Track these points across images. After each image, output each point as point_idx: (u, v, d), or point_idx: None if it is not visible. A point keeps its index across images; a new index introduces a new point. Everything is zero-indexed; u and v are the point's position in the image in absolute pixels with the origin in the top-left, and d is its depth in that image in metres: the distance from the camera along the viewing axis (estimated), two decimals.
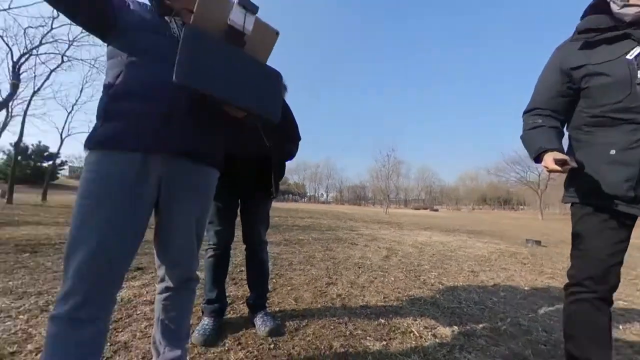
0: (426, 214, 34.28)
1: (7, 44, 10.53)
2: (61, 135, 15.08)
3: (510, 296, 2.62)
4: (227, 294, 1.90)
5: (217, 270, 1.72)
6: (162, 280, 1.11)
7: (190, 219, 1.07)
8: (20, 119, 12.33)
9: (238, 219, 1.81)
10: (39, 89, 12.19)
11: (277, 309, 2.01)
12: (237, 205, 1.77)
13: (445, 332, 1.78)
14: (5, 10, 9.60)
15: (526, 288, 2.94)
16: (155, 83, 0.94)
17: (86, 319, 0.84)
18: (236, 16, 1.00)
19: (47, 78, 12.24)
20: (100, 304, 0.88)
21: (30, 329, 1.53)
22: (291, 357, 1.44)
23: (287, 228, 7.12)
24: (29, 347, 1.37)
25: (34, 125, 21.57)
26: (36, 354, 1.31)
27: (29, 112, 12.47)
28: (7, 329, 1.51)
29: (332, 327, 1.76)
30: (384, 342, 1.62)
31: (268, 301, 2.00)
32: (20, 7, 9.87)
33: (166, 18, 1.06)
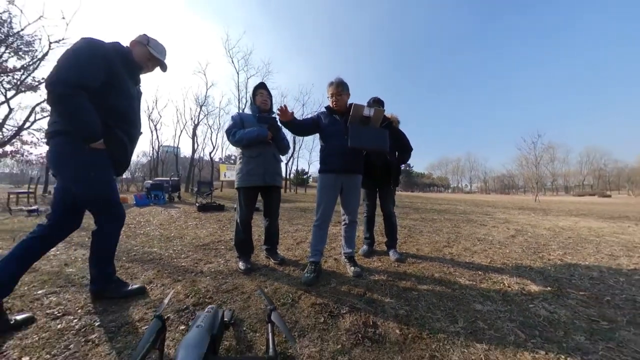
0: (591, 201, 19.42)
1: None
2: (309, 163, 24.84)
3: None
4: (375, 239, 2.51)
5: (369, 223, 2.39)
6: (344, 221, 1.94)
7: (355, 198, 1.86)
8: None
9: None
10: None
11: (403, 251, 2.42)
12: (376, 192, 2.36)
13: (537, 289, 1.55)
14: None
15: None
16: (337, 147, 1.76)
17: (323, 228, 1.79)
18: (366, 111, 1.66)
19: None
20: (326, 225, 1.81)
21: (304, 235, 2.88)
22: (406, 273, 1.83)
23: (425, 210, 6.77)
24: (306, 242, 2.65)
25: (302, 159, 34.42)
26: (307, 244, 2.54)
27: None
28: (294, 236, 2.94)
29: (438, 268, 1.96)
30: (474, 282, 1.66)
31: (398, 246, 2.45)
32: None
33: (334, 116, 1.84)
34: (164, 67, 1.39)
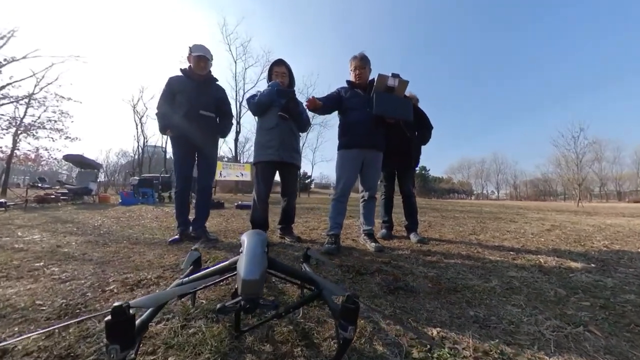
0: None
1: None
2: (312, 164, 25.88)
3: None
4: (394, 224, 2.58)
5: (387, 205, 2.49)
6: (363, 196, 2.03)
7: (375, 173, 1.97)
8: None
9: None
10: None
11: (425, 235, 2.45)
12: (394, 173, 2.45)
13: (578, 266, 1.58)
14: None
15: None
16: (357, 120, 1.86)
17: (342, 201, 1.88)
18: (390, 81, 1.78)
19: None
20: (346, 199, 1.90)
21: (315, 224, 2.95)
22: (430, 251, 1.86)
23: (444, 210, 6.74)
24: (319, 230, 2.73)
25: (305, 159, 35.45)
26: (319, 231, 2.62)
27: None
28: (306, 225, 3.01)
29: (465, 248, 2.00)
30: (505, 259, 1.69)
31: (419, 231, 2.47)
32: None
33: (356, 90, 1.95)
34: (205, 57, 2.08)
